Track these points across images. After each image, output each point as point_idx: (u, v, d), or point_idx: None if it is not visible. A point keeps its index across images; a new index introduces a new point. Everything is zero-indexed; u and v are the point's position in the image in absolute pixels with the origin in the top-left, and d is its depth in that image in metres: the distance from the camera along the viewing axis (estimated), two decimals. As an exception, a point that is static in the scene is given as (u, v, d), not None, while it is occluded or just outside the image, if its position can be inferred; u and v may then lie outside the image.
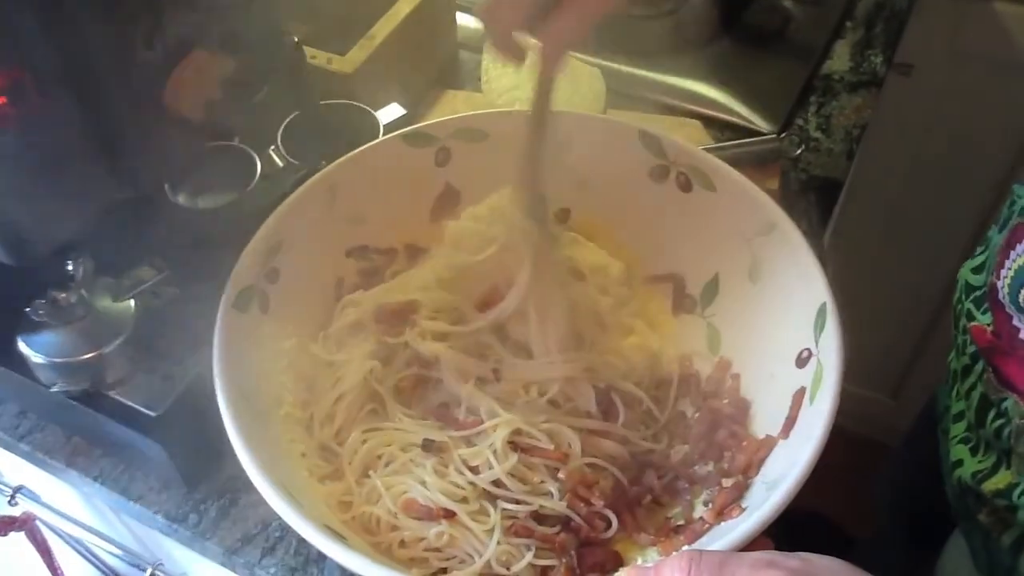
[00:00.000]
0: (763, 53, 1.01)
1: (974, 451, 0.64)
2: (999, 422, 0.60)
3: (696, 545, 0.54)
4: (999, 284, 0.57)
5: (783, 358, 0.60)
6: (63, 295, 0.62)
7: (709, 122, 0.93)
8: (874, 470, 1.24)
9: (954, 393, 0.66)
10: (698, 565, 0.41)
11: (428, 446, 0.60)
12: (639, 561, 0.57)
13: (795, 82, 0.98)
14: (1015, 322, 0.55)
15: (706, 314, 0.69)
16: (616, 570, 0.57)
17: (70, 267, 0.62)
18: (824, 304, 0.58)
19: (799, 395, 0.57)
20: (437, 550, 0.58)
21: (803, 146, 0.90)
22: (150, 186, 0.54)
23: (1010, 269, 0.55)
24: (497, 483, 0.59)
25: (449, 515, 0.58)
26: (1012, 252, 0.55)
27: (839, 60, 1.02)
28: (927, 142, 1.31)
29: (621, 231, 0.73)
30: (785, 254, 0.63)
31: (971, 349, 0.63)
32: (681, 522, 0.59)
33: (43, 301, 0.62)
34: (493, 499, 0.59)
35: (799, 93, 0.97)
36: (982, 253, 0.67)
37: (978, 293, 0.63)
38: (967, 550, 0.70)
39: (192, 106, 0.51)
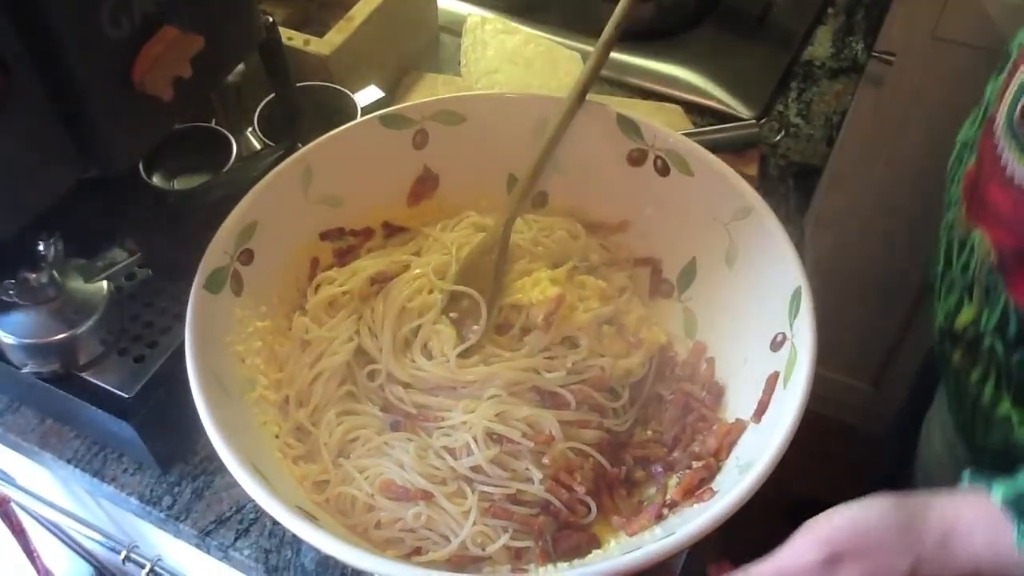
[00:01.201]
0: (744, 39, 1.01)
1: (946, 294, 0.70)
2: (966, 257, 0.65)
3: (665, 526, 0.54)
4: (996, 114, 0.61)
5: (758, 342, 0.61)
6: (34, 275, 0.61)
7: (689, 107, 0.93)
8: (852, 457, 1.25)
9: (933, 258, 0.73)
10: None
11: (396, 426, 0.60)
12: (612, 544, 0.58)
13: (776, 68, 0.98)
14: (999, 149, 0.59)
15: (683, 298, 0.70)
16: (591, 552, 0.57)
17: (41, 247, 0.61)
18: (799, 288, 0.58)
19: (772, 379, 0.58)
20: (412, 530, 0.58)
21: (783, 132, 0.91)
22: (120, 165, 0.54)
23: (1009, 94, 0.60)
24: (476, 469, 0.59)
25: (427, 496, 0.58)
26: (1012, 80, 0.60)
27: (820, 46, 1.02)
28: (907, 129, 1.31)
29: (598, 215, 0.73)
30: (761, 238, 0.63)
31: (957, 194, 0.68)
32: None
33: (13, 281, 0.61)
34: (471, 481, 0.59)
35: (779, 79, 0.97)
36: (976, 110, 0.72)
37: (971, 144, 0.69)
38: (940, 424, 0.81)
39: (161, 84, 0.51)
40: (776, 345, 0.59)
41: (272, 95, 0.79)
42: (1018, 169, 0.58)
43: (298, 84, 0.79)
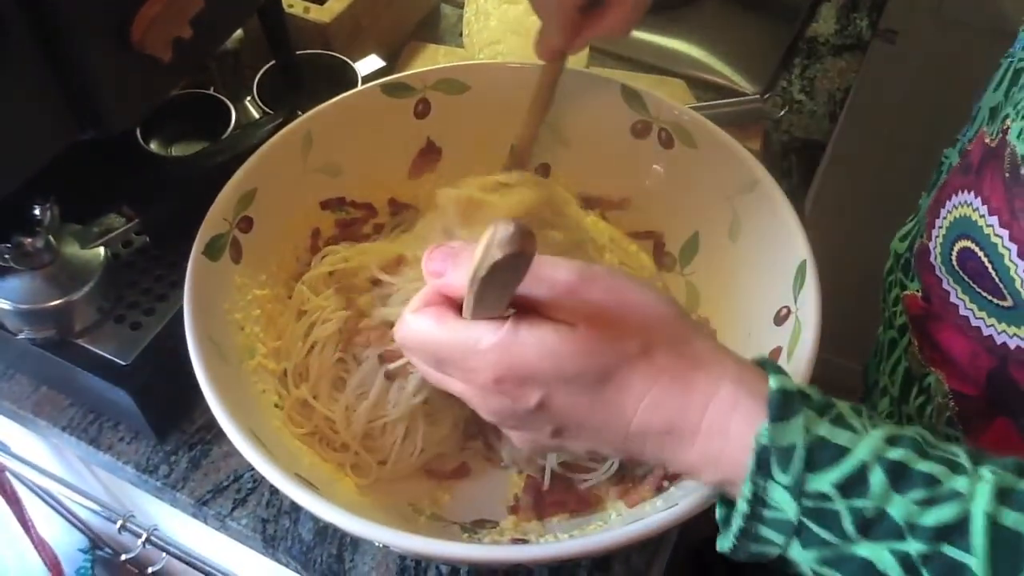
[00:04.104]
0: (748, 14, 1.00)
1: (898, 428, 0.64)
2: (921, 399, 0.59)
3: (666, 497, 0.54)
4: (930, 245, 0.56)
5: (761, 316, 0.60)
6: (29, 240, 0.60)
7: (692, 82, 0.92)
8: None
9: (880, 368, 0.66)
10: (415, 351, 0.44)
11: (391, 375, 0.59)
12: (613, 517, 0.57)
13: (779, 44, 0.97)
14: (945, 285, 0.54)
15: (685, 272, 0.69)
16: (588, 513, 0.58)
17: (37, 212, 0.60)
18: (804, 262, 0.58)
19: (775, 354, 0.57)
20: None
21: (786, 108, 0.90)
22: (117, 127, 0.53)
23: (941, 228, 0.54)
24: None
25: None
26: (942, 210, 0.54)
27: (824, 23, 1.01)
28: (910, 107, 1.30)
29: (601, 187, 0.72)
30: (766, 211, 0.62)
31: (900, 321, 0.62)
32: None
33: (9, 246, 0.60)
34: None
35: (783, 55, 0.96)
36: (911, 221, 0.66)
37: (904, 262, 0.63)
38: None
39: (160, 44, 0.50)
40: (780, 319, 0.58)
41: (271, 63, 0.78)
42: (973, 315, 0.52)
43: (298, 52, 0.78)
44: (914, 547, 0.35)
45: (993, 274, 0.48)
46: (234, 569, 0.84)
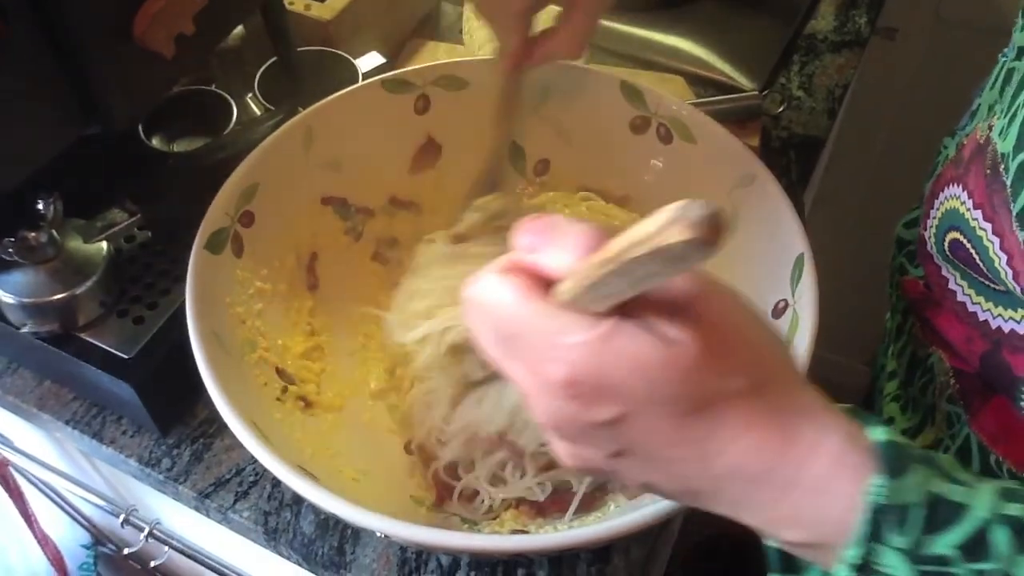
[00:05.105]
0: (747, 11, 1.00)
1: (904, 409, 0.65)
2: (924, 379, 0.60)
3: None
4: (926, 235, 0.56)
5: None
6: (33, 235, 0.61)
7: (692, 78, 0.92)
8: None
9: (889, 352, 0.67)
10: (483, 318, 0.36)
11: None
12: (612, 508, 0.58)
13: (778, 41, 0.97)
14: (944, 272, 0.54)
15: (684, 267, 0.69)
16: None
17: (41, 207, 0.61)
18: (801, 255, 0.58)
19: (773, 346, 0.58)
20: None
21: (785, 104, 0.90)
22: (120, 122, 0.53)
23: (935, 218, 0.55)
24: None
25: None
26: (936, 200, 0.55)
27: (823, 20, 1.02)
28: (909, 104, 1.31)
29: (600, 183, 0.73)
30: (764, 206, 0.63)
31: (903, 305, 0.63)
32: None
33: (12, 240, 0.61)
34: None
35: (782, 52, 0.96)
36: (916, 208, 0.67)
37: (911, 248, 0.63)
38: None
39: (163, 40, 0.50)
40: (778, 312, 0.59)
41: (273, 59, 0.79)
42: (970, 300, 0.51)
43: (299, 49, 0.79)
44: None
45: (981, 266, 0.49)
46: (236, 562, 0.84)
